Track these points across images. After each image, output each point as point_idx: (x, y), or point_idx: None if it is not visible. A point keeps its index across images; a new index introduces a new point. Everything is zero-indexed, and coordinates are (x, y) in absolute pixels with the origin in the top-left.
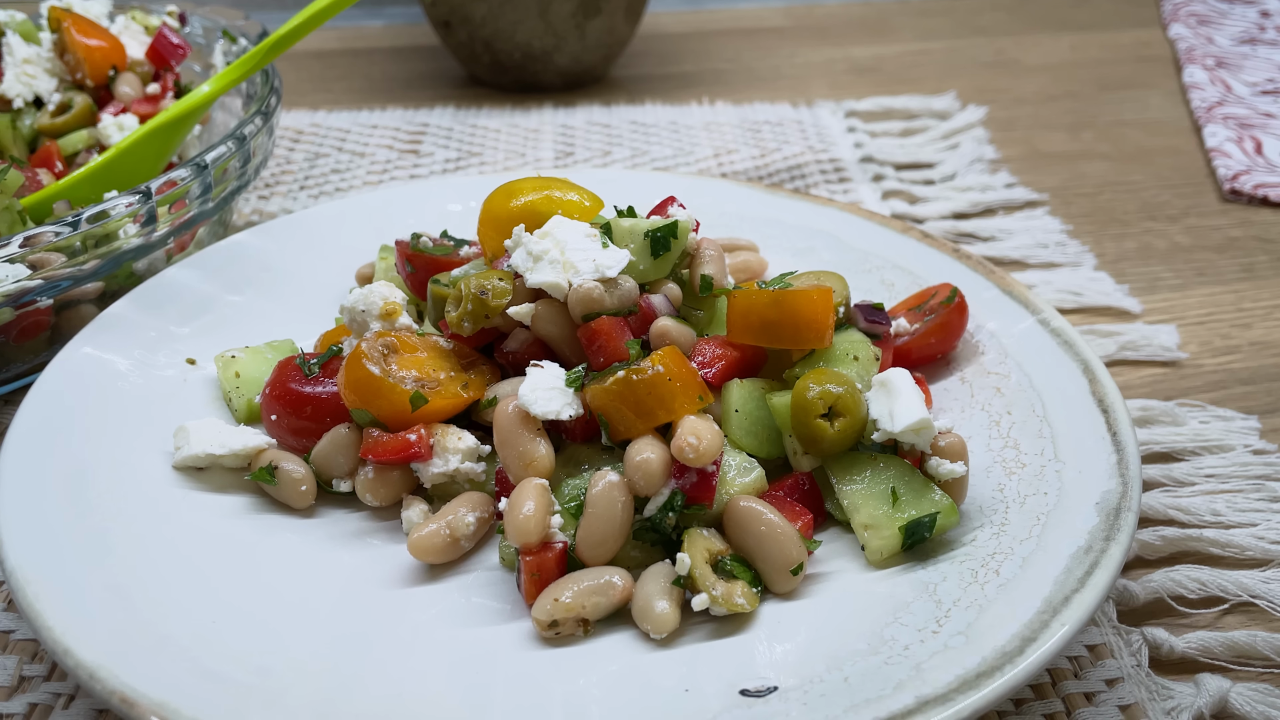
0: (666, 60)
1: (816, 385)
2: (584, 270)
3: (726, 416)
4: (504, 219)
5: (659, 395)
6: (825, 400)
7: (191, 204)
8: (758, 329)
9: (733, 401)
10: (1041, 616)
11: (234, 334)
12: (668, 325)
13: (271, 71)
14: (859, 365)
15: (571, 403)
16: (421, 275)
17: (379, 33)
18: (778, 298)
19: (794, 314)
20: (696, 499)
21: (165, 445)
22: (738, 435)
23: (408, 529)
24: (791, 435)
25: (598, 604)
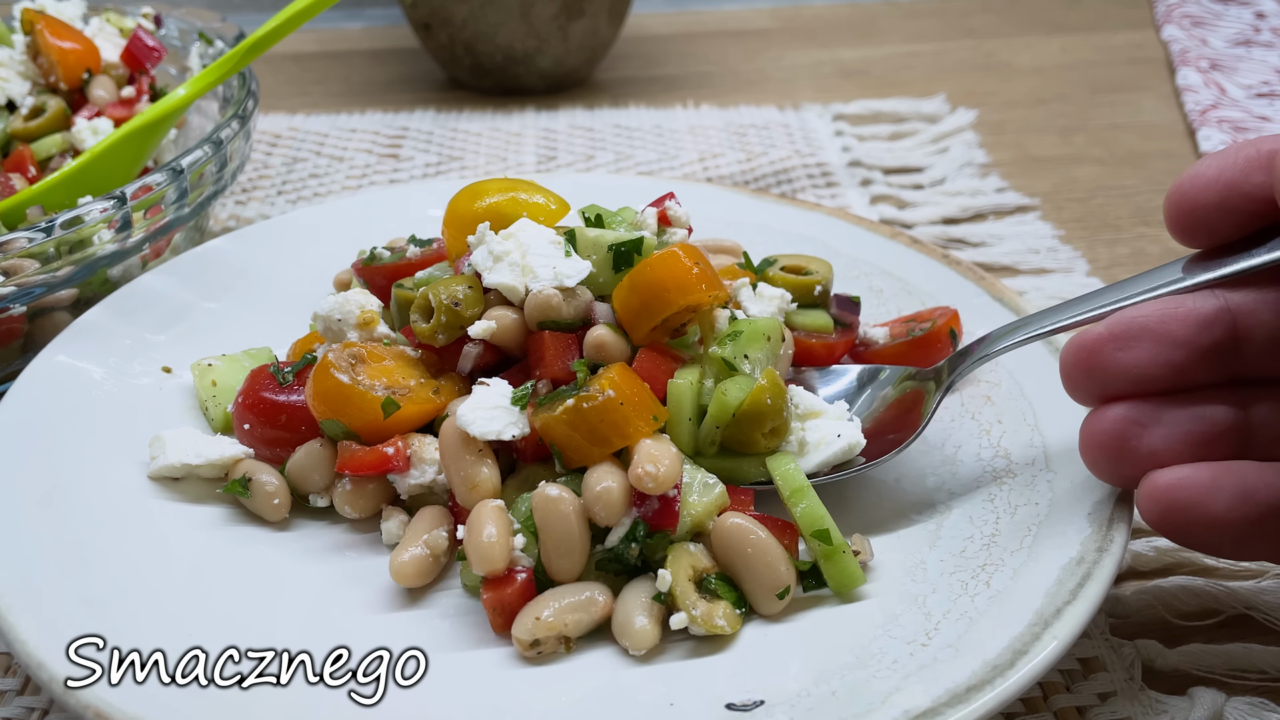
0: (651, 63)
1: (773, 401)
2: (543, 276)
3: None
4: (468, 219)
5: (612, 421)
6: (773, 418)
7: (167, 209)
8: (636, 308)
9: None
10: (1033, 629)
11: (210, 342)
12: (603, 336)
13: (249, 74)
14: (768, 347)
15: (517, 421)
16: (385, 286)
17: (358, 35)
18: (638, 268)
19: (653, 280)
20: (660, 526)
21: (140, 455)
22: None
23: (388, 541)
24: (715, 426)
25: (579, 621)
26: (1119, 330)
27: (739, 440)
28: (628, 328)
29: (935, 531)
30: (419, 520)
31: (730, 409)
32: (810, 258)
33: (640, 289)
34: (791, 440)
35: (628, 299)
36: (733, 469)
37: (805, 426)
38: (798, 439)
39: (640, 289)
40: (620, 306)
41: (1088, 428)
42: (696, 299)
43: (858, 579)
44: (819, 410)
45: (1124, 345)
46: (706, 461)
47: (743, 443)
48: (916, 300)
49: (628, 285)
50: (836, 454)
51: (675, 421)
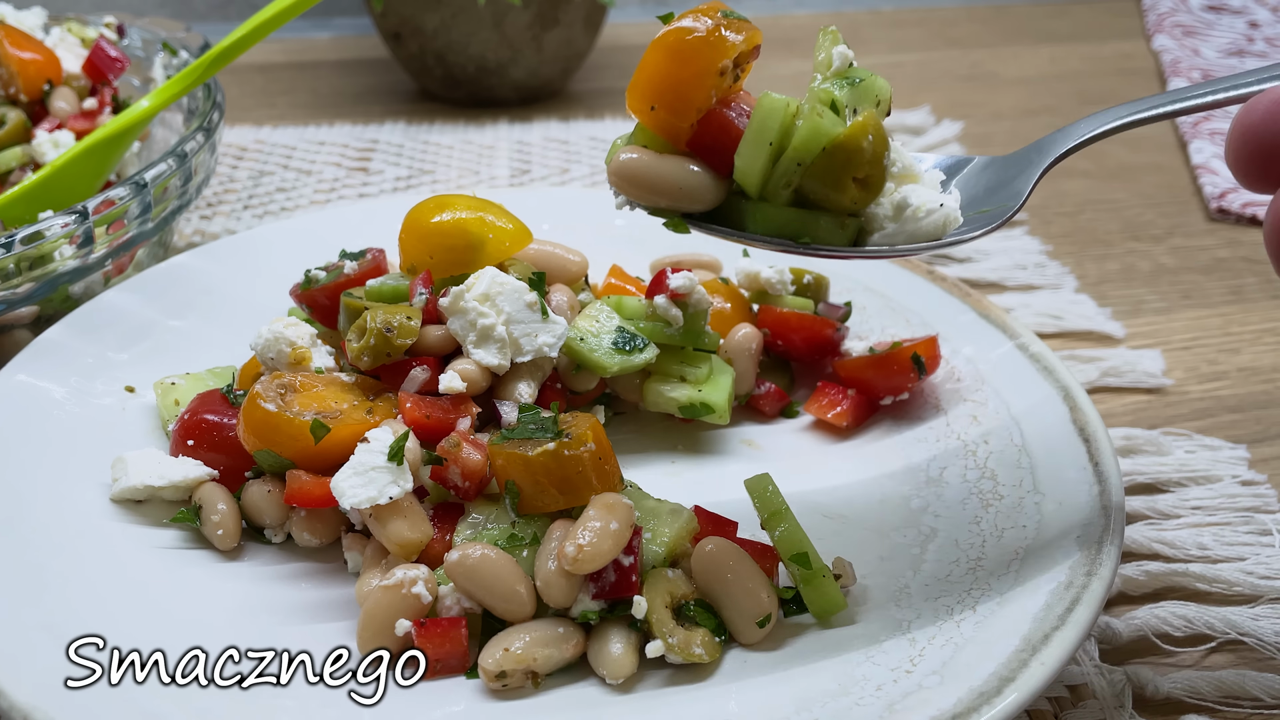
0: (627, 73)
1: (874, 142)
2: (527, 349)
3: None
4: (430, 231)
5: (587, 476)
6: (870, 163)
7: (130, 224)
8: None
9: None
10: (1020, 655)
11: (174, 360)
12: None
13: (214, 86)
14: (877, 113)
15: (397, 479)
16: (328, 305)
17: (326, 45)
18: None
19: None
20: (620, 595)
21: (102, 477)
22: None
23: (354, 569)
24: (795, 163)
25: (549, 657)
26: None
27: (822, 187)
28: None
29: (920, 555)
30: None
31: (823, 138)
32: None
33: (556, 478)
34: (884, 201)
35: (538, 480)
36: (802, 224)
37: (900, 190)
38: (891, 201)
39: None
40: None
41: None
42: (731, 47)
43: (839, 604)
44: (916, 174)
45: None
46: (771, 210)
47: (826, 191)
48: (900, 317)
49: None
50: (936, 224)
51: (751, 144)
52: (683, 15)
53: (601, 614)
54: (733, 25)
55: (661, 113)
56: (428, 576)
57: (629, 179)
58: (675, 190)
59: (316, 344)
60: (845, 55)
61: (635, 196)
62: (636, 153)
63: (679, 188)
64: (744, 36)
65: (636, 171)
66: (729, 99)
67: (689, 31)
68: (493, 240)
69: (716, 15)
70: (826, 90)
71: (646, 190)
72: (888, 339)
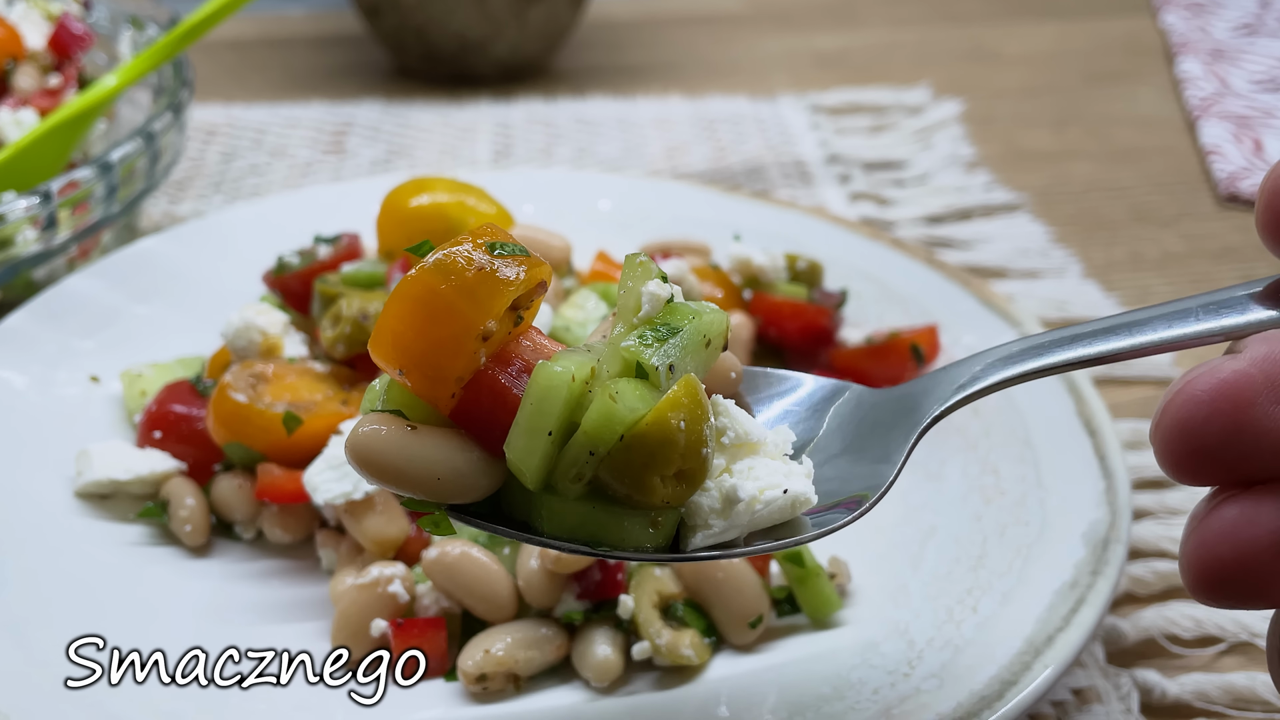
0: (614, 50)
1: (688, 427)
2: None
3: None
4: (409, 215)
5: None
6: (683, 455)
7: (96, 207)
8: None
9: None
10: (1023, 658)
11: (141, 348)
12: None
13: (183, 62)
14: (704, 357)
15: None
16: (301, 292)
17: (300, 20)
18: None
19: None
20: (604, 597)
21: (66, 470)
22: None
23: (328, 567)
24: (588, 452)
25: (530, 659)
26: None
27: (625, 481)
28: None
29: (918, 553)
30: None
31: (619, 425)
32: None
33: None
34: (711, 489)
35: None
36: (599, 525)
37: (733, 469)
38: (720, 489)
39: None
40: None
41: (1202, 538)
42: (500, 299)
43: (834, 604)
44: (756, 442)
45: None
46: (559, 505)
47: (631, 486)
48: (898, 306)
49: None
50: (781, 510)
51: (525, 432)
52: (437, 249)
53: (586, 614)
54: (505, 262)
55: (414, 379)
56: (405, 575)
57: (369, 464)
58: (430, 481)
59: (289, 332)
60: (657, 296)
61: (382, 484)
62: (382, 425)
63: (435, 477)
64: (519, 277)
65: (378, 454)
66: (509, 353)
67: (442, 278)
68: (472, 225)
69: (480, 250)
70: (630, 351)
71: (394, 478)
72: (885, 328)
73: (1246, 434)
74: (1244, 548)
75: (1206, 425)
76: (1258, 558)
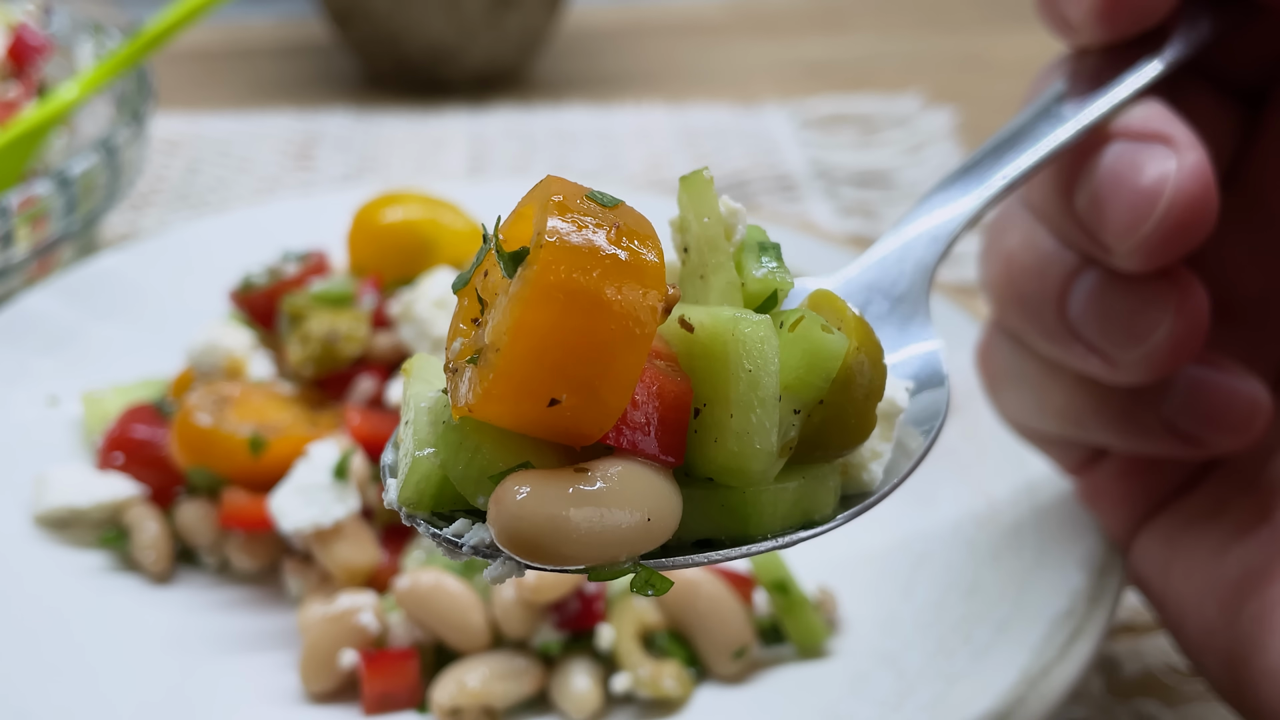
0: (592, 58)
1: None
2: None
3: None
4: (380, 230)
5: None
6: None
7: (55, 222)
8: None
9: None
10: (1018, 690)
11: (102, 369)
12: None
13: (145, 72)
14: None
15: (343, 497)
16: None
17: (267, 29)
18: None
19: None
20: (582, 626)
21: (24, 495)
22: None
23: (296, 596)
24: (792, 410)
25: (507, 691)
26: None
27: (844, 426)
28: None
29: (909, 581)
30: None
31: (833, 360)
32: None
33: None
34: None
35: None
36: (812, 498)
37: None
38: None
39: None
40: None
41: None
42: (659, 261)
43: (821, 634)
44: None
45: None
46: (770, 493)
47: (846, 434)
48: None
49: None
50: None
51: (750, 404)
52: (543, 225)
53: (564, 645)
54: (634, 226)
55: (574, 405)
56: (376, 604)
57: (548, 543)
58: (639, 527)
59: (255, 352)
60: (741, 213)
61: (564, 562)
62: (531, 484)
63: (645, 520)
64: (656, 241)
65: (561, 524)
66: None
67: (586, 253)
68: (445, 241)
69: (596, 209)
70: (766, 279)
71: (586, 548)
72: None
73: (1212, 216)
74: (1199, 328)
75: (1201, 216)
76: (1203, 327)
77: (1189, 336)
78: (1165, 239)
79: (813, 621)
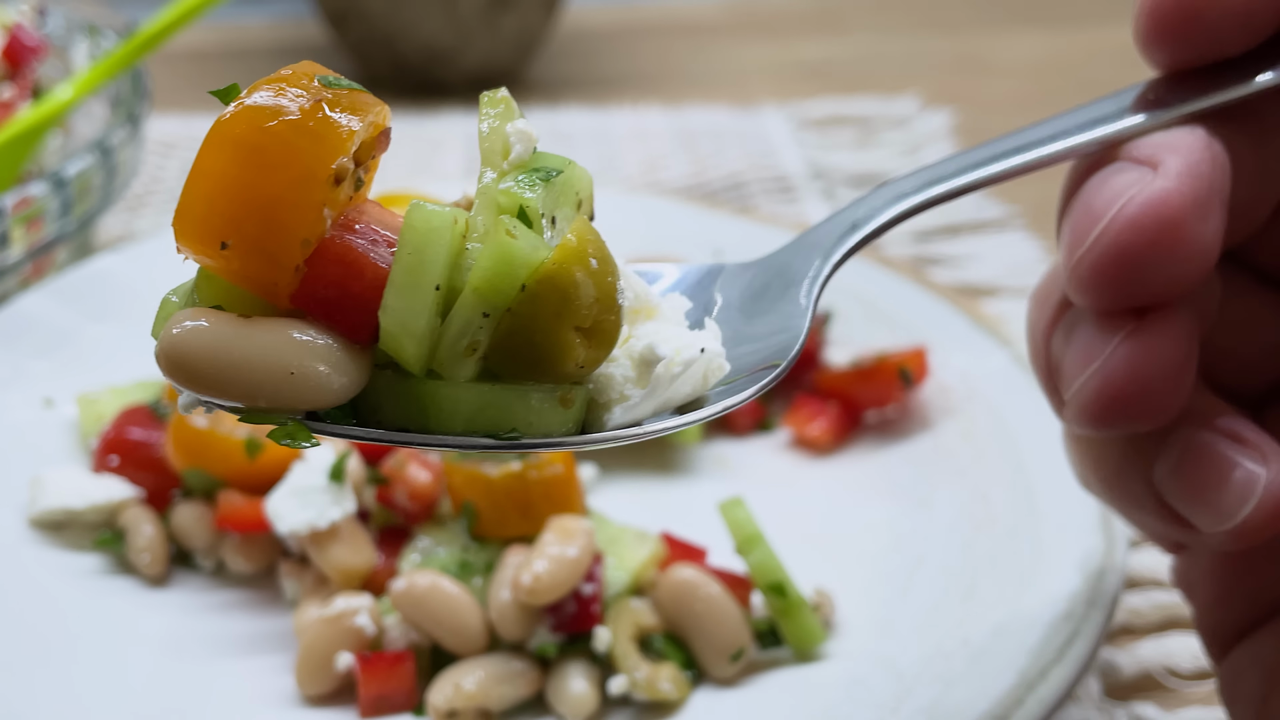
0: (589, 60)
1: (599, 268)
2: None
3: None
4: None
5: (553, 499)
6: (597, 301)
7: (50, 223)
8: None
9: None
10: (1015, 692)
11: (97, 370)
12: None
13: (141, 73)
14: (579, 216)
15: (339, 500)
16: None
17: (263, 30)
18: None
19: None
20: (579, 629)
21: (19, 498)
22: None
23: (292, 598)
24: (480, 312)
25: (504, 694)
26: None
27: (532, 343)
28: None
29: (906, 584)
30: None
31: (521, 268)
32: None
33: (521, 503)
34: (619, 357)
35: (500, 504)
36: (504, 409)
37: (636, 334)
38: (631, 354)
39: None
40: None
41: (1108, 374)
42: (347, 136)
43: (818, 637)
44: (654, 306)
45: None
46: (449, 391)
47: (541, 347)
48: (885, 326)
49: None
50: (695, 381)
51: (405, 289)
52: (254, 87)
53: (560, 648)
54: (342, 100)
55: (242, 253)
56: (371, 606)
57: (193, 369)
58: (281, 377)
59: None
60: (527, 134)
61: (212, 393)
62: (204, 319)
63: (287, 371)
64: (365, 118)
65: (206, 350)
66: (351, 219)
67: (272, 114)
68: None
69: (312, 84)
70: (510, 193)
71: (230, 382)
72: (872, 349)
73: (1177, 255)
74: (1149, 379)
75: (1148, 250)
76: (1160, 383)
77: (1132, 381)
78: (1106, 265)
79: (810, 624)
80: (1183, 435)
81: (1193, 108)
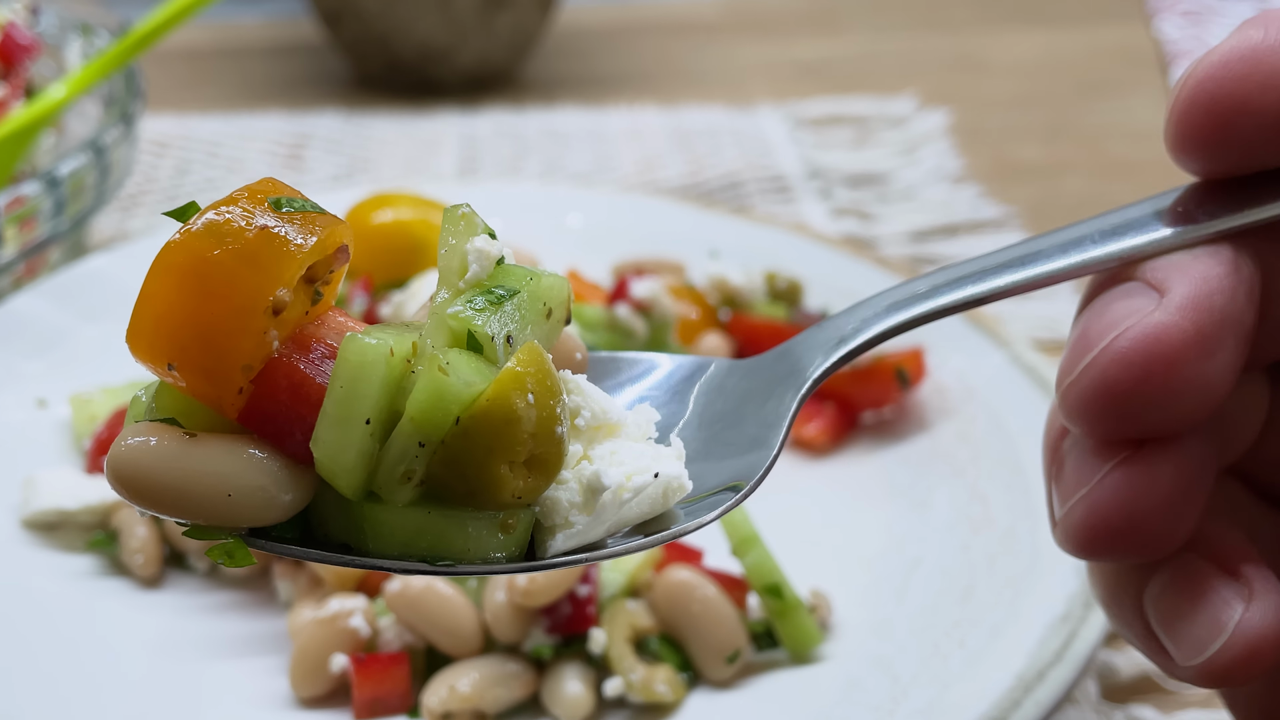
0: (584, 59)
1: (536, 399)
2: None
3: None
4: (371, 232)
5: None
6: (533, 436)
7: (43, 223)
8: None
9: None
10: (1013, 694)
11: (91, 371)
12: None
13: (134, 72)
14: (545, 328)
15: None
16: None
17: (257, 29)
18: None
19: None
20: (574, 630)
21: (11, 498)
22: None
23: (286, 600)
24: (416, 441)
25: (499, 696)
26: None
27: (466, 475)
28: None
29: (903, 585)
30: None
31: (453, 404)
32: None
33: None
34: (569, 480)
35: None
36: (440, 536)
37: (592, 454)
38: (580, 479)
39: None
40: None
41: (1094, 503)
42: (290, 263)
43: (815, 639)
44: (616, 423)
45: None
46: (386, 515)
47: (474, 481)
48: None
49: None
50: (644, 507)
51: (335, 423)
52: (206, 209)
53: (556, 649)
54: (294, 223)
55: (186, 374)
56: (366, 608)
57: (137, 484)
58: (218, 499)
59: None
60: (485, 254)
61: (156, 509)
62: (151, 435)
63: (225, 494)
64: (316, 237)
65: (147, 470)
66: (307, 335)
67: (215, 241)
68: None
69: (262, 206)
70: (459, 316)
71: (171, 501)
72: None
73: (1173, 393)
74: (1138, 513)
75: (1138, 388)
76: (1150, 518)
77: (1120, 513)
78: (1091, 400)
79: (806, 625)
80: (1180, 558)
81: (1222, 226)
